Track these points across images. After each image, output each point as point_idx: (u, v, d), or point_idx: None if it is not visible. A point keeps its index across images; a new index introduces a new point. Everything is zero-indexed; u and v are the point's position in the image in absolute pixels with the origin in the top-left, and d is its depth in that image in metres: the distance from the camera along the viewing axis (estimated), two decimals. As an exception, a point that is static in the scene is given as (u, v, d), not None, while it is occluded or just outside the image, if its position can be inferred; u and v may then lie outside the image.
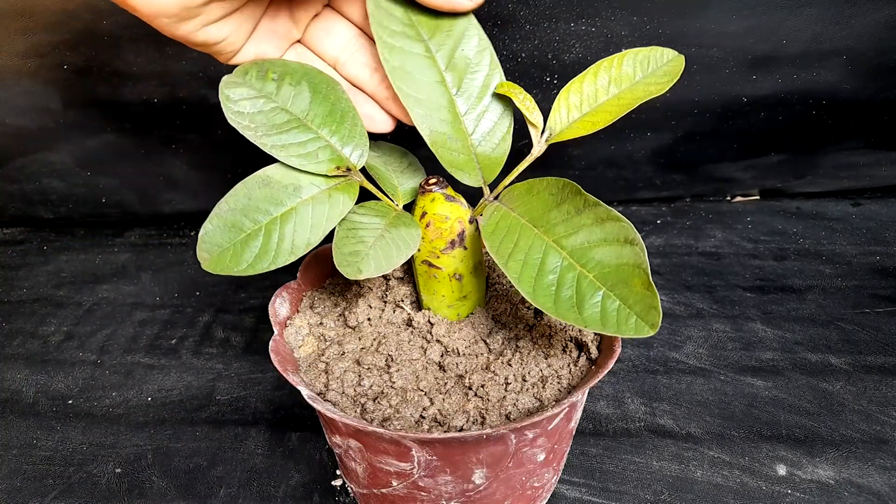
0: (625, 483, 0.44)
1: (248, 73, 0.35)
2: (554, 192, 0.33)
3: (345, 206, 0.35)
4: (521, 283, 0.30)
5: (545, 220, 0.32)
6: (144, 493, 0.45)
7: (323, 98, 0.35)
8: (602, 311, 0.29)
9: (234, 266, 0.33)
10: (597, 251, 0.30)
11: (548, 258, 0.31)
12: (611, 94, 0.35)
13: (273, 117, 0.35)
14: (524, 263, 0.31)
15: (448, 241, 0.37)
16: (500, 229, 0.33)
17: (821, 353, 0.54)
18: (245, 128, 0.34)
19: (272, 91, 0.35)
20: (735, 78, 0.65)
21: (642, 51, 0.35)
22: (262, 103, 0.35)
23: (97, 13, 0.60)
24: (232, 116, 0.34)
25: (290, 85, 0.35)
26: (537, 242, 0.32)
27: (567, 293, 0.30)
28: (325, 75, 0.36)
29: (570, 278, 0.30)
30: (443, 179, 0.38)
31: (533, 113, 0.35)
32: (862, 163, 0.74)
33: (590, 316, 0.29)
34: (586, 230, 0.31)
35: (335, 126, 0.35)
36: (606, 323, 0.29)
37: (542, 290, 0.30)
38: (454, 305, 0.40)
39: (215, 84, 0.64)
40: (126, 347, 0.59)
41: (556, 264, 0.31)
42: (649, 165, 0.74)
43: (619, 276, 0.29)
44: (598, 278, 0.30)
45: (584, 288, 0.30)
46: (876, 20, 0.60)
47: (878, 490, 0.42)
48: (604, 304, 0.29)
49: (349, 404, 0.35)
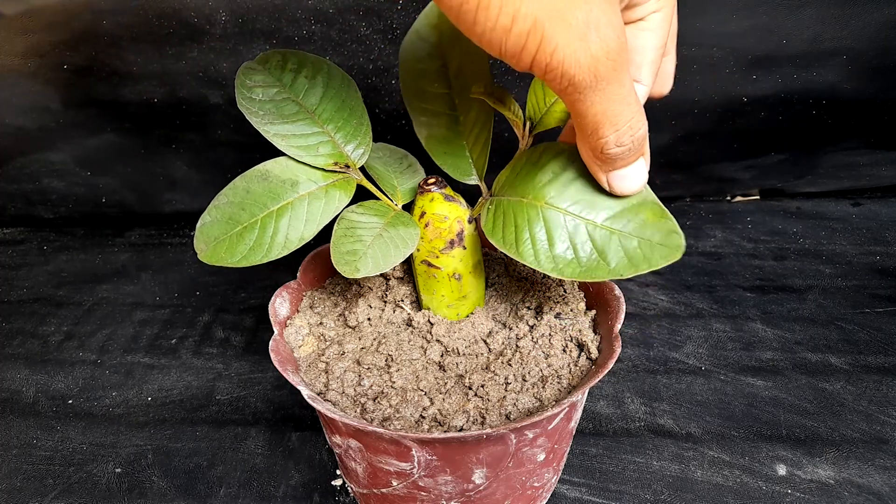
0: (625, 483, 0.44)
1: (270, 61, 0.35)
2: (533, 158, 0.32)
3: (340, 202, 0.35)
4: (541, 264, 0.30)
5: (532, 186, 0.32)
6: (144, 493, 0.45)
7: (335, 94, 0.36)
8: (627, 256, 0.29)
9: (229, 258, 0.33)
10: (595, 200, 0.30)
11: (549, 224, 0.30)
12: None
13: (283, 107, 0.35)
14: (531, 241, 0.31)
15: (447, 240, 0.37)
16: (498, 218, 0.33)
17: (821, 353, 0.54)
18: (253, 114, 0.35)
19: (288, 81, 0.35)
20: (735, 78, 0.65)
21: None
22: (274, 92, 0.35)
23: (97, 13, 0.60)
24: (243, 102, 0.35)
25: (307, 77, 0.35)
26: (532, 212, 0.31)
27: (585, 251, 0.29)
28: (340, 71, 0.36)
29: (581, 236, 0.30)
30: (441, 179, 0.38)
31: (511, 107, 0.34)
32: (862, 163, 0.74)
33: (618, 265, 0.29)
34: (578, 182, 0.30)
35: (341, 123, 0.36)
36: (638, 263, 0.28)
37: (562, 260, 0.30)
38: (454, 305, 0.40)
39: (215, 84, 0.65)
40: (126, 347, 0.59)
41: (561, 228, 0.30)
42: (649, 165, 0.74)
43: (629, 214, 0.29)
44: (607, 227, 0.29)
45: (599, 241, 0.29)
46: (876, 20, 0.60)
47: (878, 490, 0.42)
48: (625, 248, 0.29)
49: (349, 404, 0.35)
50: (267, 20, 0.59)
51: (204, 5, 0.58)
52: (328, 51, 0.61)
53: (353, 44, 0.61)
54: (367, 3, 0.58)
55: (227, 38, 0.61)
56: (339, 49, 0.61)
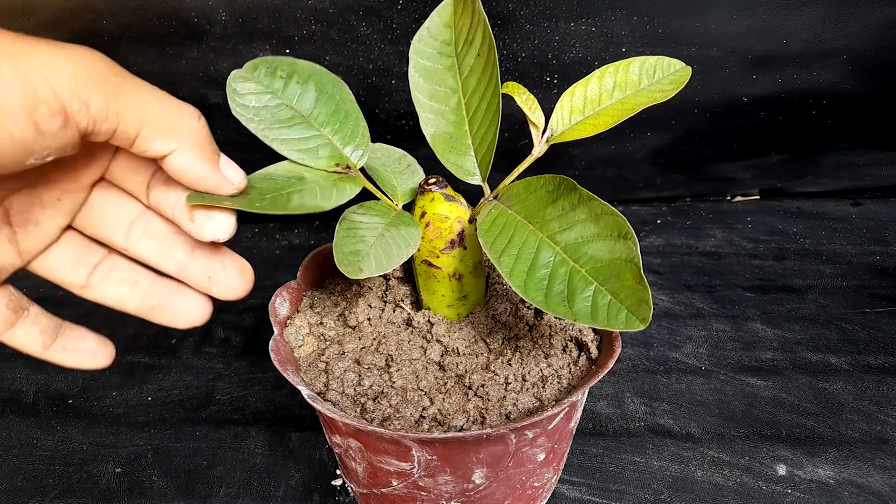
0: (625, 483, 0.44)
1: (258, 68, 0.35)
2: (550, 188, 0.33)
3: (351, 191, 0.35)
4: (513, 278, 0.31)
5: (540, 216, 0.32)
6: (144, 492, 0.45)
7: (328, 97, 0.36)
8: (593, 305, 0.29)
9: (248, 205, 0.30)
10: (590, 246, 0.30)
11: (541, 253, 0.31)
12: (615, 98, 0.35)
13: (277, 113, 0.35)
14: (517, 258, 0.31)
15: (448, 240, 0.37)
16: (496, 227, 0.33)
17: (821, 353, 0.54)
18: (249, 120, 0.35)
19: (279, 88, 0.35)
20: (735, 78, 0.65)
21: (649, 59, 0.35)
22: (267, 98, 0.35)
23: (97, 13, 0.60)
24: (237, 109, 0.35)
25: (298, 83, 0.35)
26: (531, 238, 0.32)
27: (558, 288, 0.30)
28: (332, 76, 0.36)
29: (562, 273, 0.30)
30: (442, 179, 0.38)
31: (535, 113, 0.35)
32: (862, 163, 0.74)
33: (580, 309, 0.29)
34: (581, 226, 0.31)
35: (338, 125, 0.36)
36: (597, 316, 0.29)
37: (533, 284, 0.30)
38: (454, 305, 0.40)
39: (215, 84, 0.65)
40: (126, 347, 0.59)
41: (548, 259, 0.31)
42: (649, 165, 0.74)
43: (612, 270, 0.29)
44: (591, 273, 0.30)
45: (575, 282, 0.30)
46: (876, 20, 0.60)
47: (878, 490, 0.42)
48: (595, 299, 0.29)
49: (349, 404, 0.35)
50: (267, 20, 0.59)
51: (204, 5, 0.58)
52: (328, 51, 0.61)
53: (353, 44, 0.61)
54: (367, 3, 0.58)
55: (227, 38, 0.61)
56: (339, 49, 0.61)
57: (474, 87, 0.36)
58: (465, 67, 0.36)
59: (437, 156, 0.37)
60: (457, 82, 0.36)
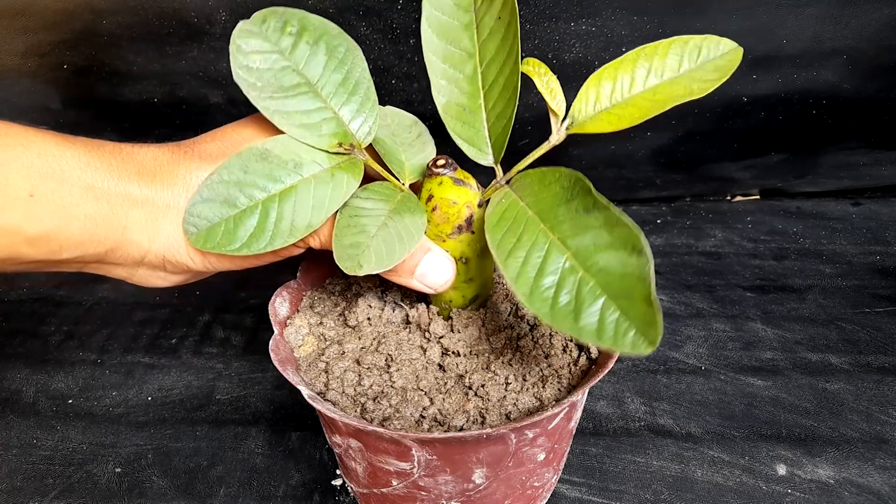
0: (625, 483, 0.44)
1: (267, 21, 0.32)
2: (566, 185, 0.30)
3: (349, 186, 0.33)
4: (518, 284, 0.28)
5: (553, 215, 0.30)
6: (144, 492, 0.45)
7: (339, 64, 0.33)
8: (600, 322, 0.27)
9: (227, 244, 0.31)
10: (602, 256, 0.28)
11: (550, 257, 0.29)
12: (647, 85, 0.32)
13: (282, 77, 0.32)
14: (524, 261, 0.29)
15: (455, 225, 0.36)
16: (506, 220, 0.31)
17: (821, 353, 0.54)
18: (251, 86, 0.32)
19: (287, 47, 0.32)
20: (735, 78, 0.64)
21: (694, 38, 0.32)
22: (274, 59, 0.32)
23: (97, 13, 0.60)
24: (239, 71, 0.32)
25: (308, 43, 0.33)
26: (541, 238, 0.29)
27: (565, 298, 0.27)
28: (344, 36, 0.33)
29: (570, 282, 0.28)
30: (451, 161, 0.36)
31: (556, 98, 0.32)
32: (862, 163, 0.74)
33: (586, 325, 0.27)
34: (594, 232, 0.28)
35: (347, 97, 0.33)
36: (603, 335, 0.26)
37: (538, 292, 0.28)
38: (459, 287, 0.39)
39: (215, 84, 0.65)
40: (126, 347, 0.59)
41: (558, 265, 0.28)
42: (649, 165, 0.74)
43: (623, 286, 0.27)
44: (601, 285, 0.27)
45: (583, 294, 0.27)
46: (876, 20, 0.60)
47: (878, 490, 0.42)
48: (602, 315, 0.27)
49: (349, 404, 0.35)
50: (267, 20, 0.59)
51: (204, 5, 0.58)
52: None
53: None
54: (367, 3, 0.58)
55: (227, 38, 0.60)
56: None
57: (493, 55, 0.33)
58: (483, 28, 0.32)
59: (447, 129, 0.34)
60: (474, 45, 0.33)
